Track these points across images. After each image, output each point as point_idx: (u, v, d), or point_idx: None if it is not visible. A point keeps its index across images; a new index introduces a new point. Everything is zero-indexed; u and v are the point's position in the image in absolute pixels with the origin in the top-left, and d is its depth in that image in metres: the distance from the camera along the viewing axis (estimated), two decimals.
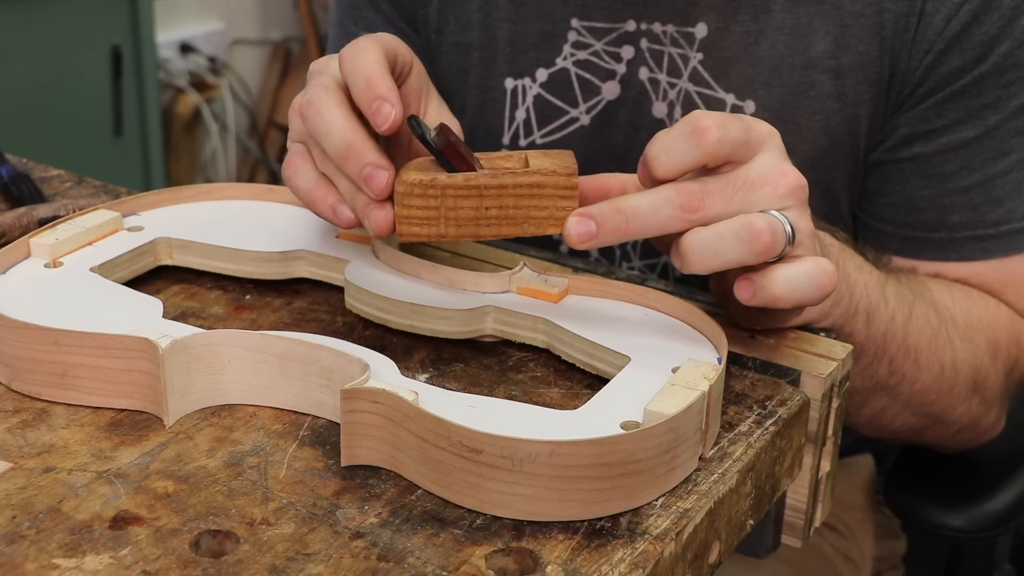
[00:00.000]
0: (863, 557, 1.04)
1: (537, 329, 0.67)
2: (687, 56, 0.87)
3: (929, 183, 0.85)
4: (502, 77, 0.93)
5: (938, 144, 0.84)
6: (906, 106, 0.84)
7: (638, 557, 0.51)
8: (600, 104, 0.91)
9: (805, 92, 0.85)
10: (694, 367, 0.60)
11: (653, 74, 0.89)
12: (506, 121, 0.94)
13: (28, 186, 0.86)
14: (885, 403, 0.81)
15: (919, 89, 0.83)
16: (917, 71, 0.83)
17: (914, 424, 0.84)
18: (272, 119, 2.81)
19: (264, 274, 0.73)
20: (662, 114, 0.90)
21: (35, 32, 2.04)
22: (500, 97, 0.94)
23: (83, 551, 0.51)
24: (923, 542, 1.10)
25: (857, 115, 0.85)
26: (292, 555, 0.51)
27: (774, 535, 0.68)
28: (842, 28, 0.84)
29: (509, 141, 0.95)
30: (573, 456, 0.52)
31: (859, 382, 0.77)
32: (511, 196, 0.62)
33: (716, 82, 0.87)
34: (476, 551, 0.52)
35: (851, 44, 0.84)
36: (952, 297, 0.83)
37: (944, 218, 0.86)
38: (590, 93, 0.91)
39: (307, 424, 0.60)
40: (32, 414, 0.61)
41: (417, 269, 0.70)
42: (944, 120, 0.83)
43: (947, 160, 0.84)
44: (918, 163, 0.85)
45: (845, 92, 0.85)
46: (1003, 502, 0.90)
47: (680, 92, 0.88)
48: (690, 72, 0.88)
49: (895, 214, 0.87)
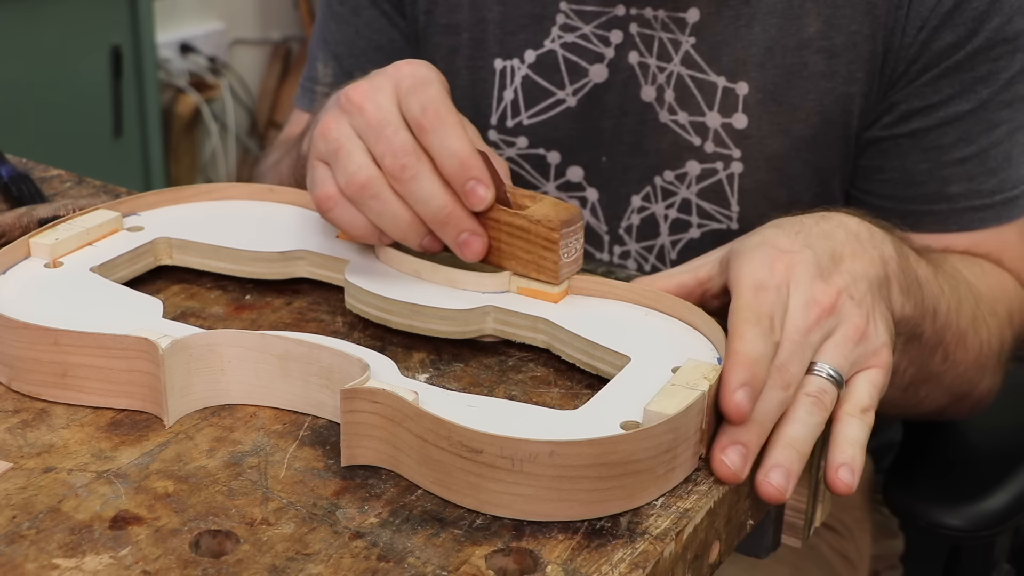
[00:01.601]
0: (860, 556, 1.04)
1: (537, 329, 0.67)
2: (678, 40, 0.89)
3: (928, 156, 0.87)
4: (491, 58, 0.95)
5: (935, 118, 0.86)
6: (901, 83, 0.86)
7: (638, 557, 0.52)
8: (587, 86, 0.92)
9: (798, 73, 0.87)
10: (694, 367, 0.60)
11: (643, 58, 0.90)
12: (494, 101, 0.96)
13: (28, 186, 0.86)
14: (929, 389, 0.82)
15: (913, 65, 0.85)
16: (912, 47, 0.84)
17: (944, 403, 0.85)
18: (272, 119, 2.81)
19: (264, 274, 0.73)
20: (650, 97, 0.91)
21: (35, 32, 2.04)
22: (489, 78, 0.95)
23: (83, 551, 0.51)
24: (921, 541, 1.10)
25: (850, 94, 0.87)
26: (292, 555, 0.51)
27: (774, 535, 0.68)
28: (834, 9, 0.85)
29: (497, 121, 0.96)
30: (573, 456, 0.52)
31: (915, 374, 0.78)
32: (504, 232, 0.67)
33: (708, 65, 0.89)
34: (476, 551, 0.52)
35: (843, 24, 0.85)
36: (972, 272, 0.85)
37: (943, 190, 0.88)
38: (577, 75, 0.93)
39: (307, 424, 0.60)
40: (32, 414, 0.61)
41: (417, 269, 0.70)
42: (940, 95, 0.85)
43: (944, 133, 0.86)
44: (916, 137, 0.87)
45: (838, 71, 0.86)
46: (1001, 501, 0.90)
47: (670, 75, 0.90)
48: (682, 56, 0.89)
49: (894, 189, 0.89)
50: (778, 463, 0.59)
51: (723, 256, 0.68)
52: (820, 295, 0.63)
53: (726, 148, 0.90)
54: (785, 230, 0.67)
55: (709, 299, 0.69)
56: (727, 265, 0.66)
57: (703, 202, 0.92)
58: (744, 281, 0.63)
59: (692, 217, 0.93)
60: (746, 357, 0.59)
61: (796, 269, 0.64)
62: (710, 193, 0.92)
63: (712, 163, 0.91)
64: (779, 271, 0.64)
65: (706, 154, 0.91)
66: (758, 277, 0.63)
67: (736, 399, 0.57)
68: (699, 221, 0.93)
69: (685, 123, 0.90)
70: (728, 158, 0.90)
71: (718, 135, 0.90)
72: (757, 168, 0.90)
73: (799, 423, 0.60)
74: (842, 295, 0.64)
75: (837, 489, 0.61)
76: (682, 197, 0.93)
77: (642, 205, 0.95)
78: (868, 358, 0.64)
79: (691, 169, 0.92)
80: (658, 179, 0.93)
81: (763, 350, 0.60)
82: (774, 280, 0.63)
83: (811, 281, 0.64)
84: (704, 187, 0.92)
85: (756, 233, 0.68)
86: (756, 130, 0.89)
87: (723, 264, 0.67)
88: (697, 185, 0.92)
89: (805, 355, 0.62)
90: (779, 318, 0.62)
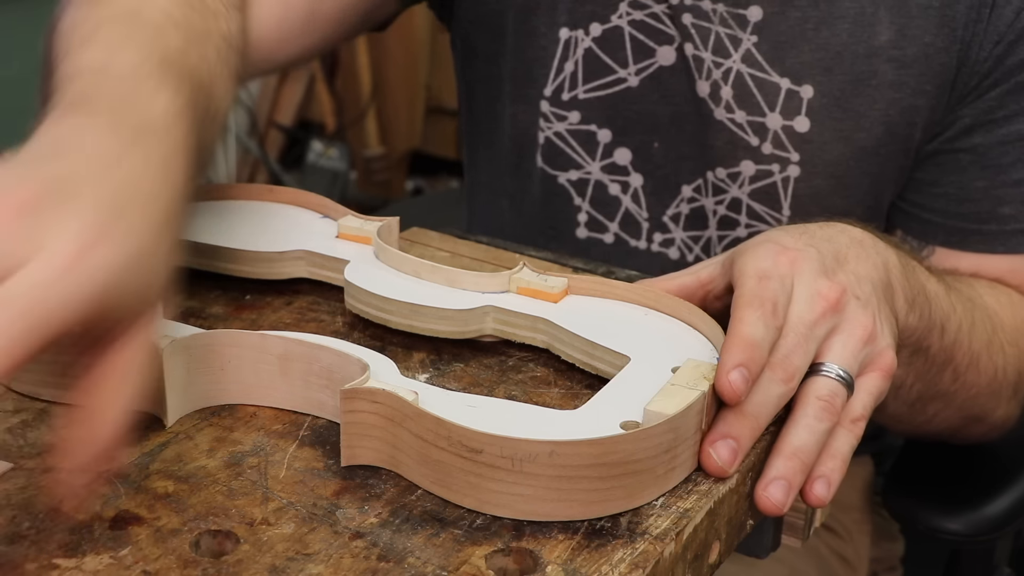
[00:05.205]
0: (859, 558, 1.04)
1: (537, 329, 0.67)
2: (738, 37, 0.87)
3: (986, 174, 0.86)
4: (558, 27, 0.92)
5: (998, 135, 0.85)
6: (971, 96, 0.85)
7: (638, 557, 0.52)
8: (652, 67, 0.91)
9: (866, 80, 0.86)
10: (694, 367, 0.60)
11: (698, 51, 0.88)
12: (552, 72, 0.93)
13: None
14: (938, 408, 0.81)
15: (985, 80, 0.84)
16: (987, 62, 0.83)
17: (956, 424, 0.85)
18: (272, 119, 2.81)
19: (264, 274, 0.73)
20: (704, 93, 0.89)
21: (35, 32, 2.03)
22: (551, 46, 0.93)
23: (83, 551, 0.51)
24: (921, 545, 1.10)
25: (916, 106, 0.86)
26: (292, 555, 0.51)
27: (774, 535, 0.68)
28: (908, 19, 0.84)
29: (552, 92, 0.94)
30: (573, 456, 0.52)
31: (922, 389, 0.77)
32: None
33: (770, 66, 0.87)
34: (476, 551, 0.52)
35: (917, 35, 0.84)
36: (998, 300, 0.84)
37: (996, 209, 0.86)
38: (642, 55, 0.91)
39: (307, 424, 0.60)
40: (32, 414, 0.61)
41: (417, 269, 0.70)
42: (1005, 111, 0.85)
43: (1005, 152, 0.85)
44: (977, 153, 0.86)
45: (907, 82, 0.85)
46: (1001, 506, 0.90)
47: (729, 72, 0.88)
48: (742, 54, 0.87)
49: (947, 204, 0.88)
50: (780, 475, 0.58)
51: (726, 257, 0.68)
52: (825, 290, 0.63)
53: (784, 151, 0.88)
54: (790, 232, 0.67)
55: (711, 300, 0.69)
56: (730, 265, 0.66)
57: (754, 203, 0.91)
58: (748, 271, 0.63)
59: (741, 216, 0.92)
60: (743, 339, 0.58)
61: (800, 264, 0.63)
62: (762, 195, 0.90)
63: (768, 164, 0.89)
64: (783, 264, 0.63)
65: (763, 155, 0.89)
66: (762, 267, 0.63)
67: (731, 378, 0.57)
68: (747, 221, 0.92)
69: (743, 122, 0.89)
70: (786, 161, 0.89)
71: (777, 137, 0.88)
72: (814, 173, 0.89)
73: (806, 430, 0.60)
74: (847, 293, 0.63)
75: (808, 501, 0.60)
76: (732, 196, 0.91)
77: (692, 196, 0.93)
78: (874, 359, 0.64)
79: (745, 169, 0.90)
80: (710, 174, 0.92)
81: (763, 334, 0.59)
82: (778, 271, 0.63)
83: (815, 276, 0.63)
84: (757, 188, 0.90)
85: (760, 235, 0.68)
86: (818, 135, 0.87)
87: (726, 265, 0.67)
88: (750, 186, 0.90)
89: (809, 348, 0.61)
90: (782, 306, 0.61)
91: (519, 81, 0.95)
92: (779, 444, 0.59)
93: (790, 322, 0.61)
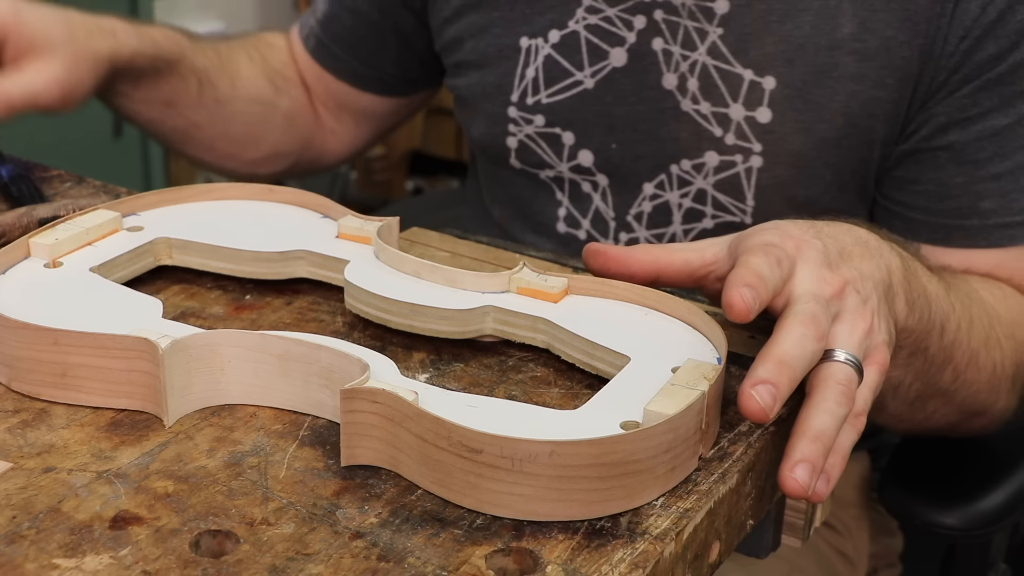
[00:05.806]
0: (859, 554, 1.04)
1: (537, 329, 0.67)
2: (704, 30, 0.88)
3: (964, 170, 0.86)
4: (518, 36, 0.95)
5: (973, 132, 0.85)
6: (941, 93, 0.85)
7: (638, 557, 0.52)
8: (605, 69, 0.93)
9: (828, 72, 0.87)
10: (694, 367, 0.60)
11: (667, 45, 0.90)
12: (516, 79, 0.96)
13: (28, 186, 0.86)
14: (938, 405, 0.81)
15: (954, 76, 0.84)
16: (953, 56, 0.84)
17: (956, 420, 0.85)
18: None
19: (264, 274, 0.73)
20: (672, 85, 0.91)
21: None
22: (514, 55, 0.96)
23: (83, 551, 0.51)
24: (919, 540, 1.10)
25: (877, 98, 0.86)
26: (292, 555, 0.51)
27: (774, 535, 0.68)
28: (871, 12, 0.85)
29: (518, 98, 0.96)
30: (573, 456, 0.52)
31: (921, 388, 0.77)
32: None
33: (735, 57, 0.88)
34: (476, 551, 0.52)
35: (878, 28, 0.85)
36: (992, 294, 0.84)
37: (976, 204, 0.87)
38: (597, 58, 0.93)
39: (307, 424, 0.60)
40: (32, 414, 0.61)
41: (417, 269, 0.70)
42: (979, 108, 0.85)
43: (981, 147, 0.86)
44: (953, 151, 0.86)
45: (868, 75, 0.86)
46: (996, 501, 0.90)
47: (695, 65, 0.89)
48: (708, 46, 0.88)
49: (928, 202, 0.88)
50: (805, 457, 0.58)
51: (732, 240, 0.68)
52: (828, 277, 0.63)
53: (747, 141, 0.90)
54: (797, 224, 0.67)
55: (712, 281, 0.68)
56: (736, 248, 0.66)
57: (719, 194, 0.92)
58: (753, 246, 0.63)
59: (707, 208, 0.93)
60: (750, 270, 0.59)
61: (805, 250, 0.64)
62: (727, 185, 0.92)
63: (731, 155, 0.91)
64: (789, 245, 0.64)
65: (726, 146, 0.90)
66: (768, 239, 0.63)
67: (741, 292, 0.58)
68: (713, 212, 0.93)
69: (707, 113, 0.90)
70: (748, 151, 0.90)
71: (740, 128, 0.90)
72: (777, 164, 0.90)
73: (827, 414, 0.59)
74: (848, 286, 0.64)
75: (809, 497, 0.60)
76: (698, 187, 0.93)
77: (655, 193, 0.95)
78: (871, 353, 0.64)
79: (710, 160, 0.91)
80: (675, 167, 0.93)
81: (768, 272, 0.60)
82: (784, 247, 0.63)
83: (818, 265, 0.63)
84: (721, 179, 0.92)
85: (767, 223, 0.68)
86: (779, 126, 0.89)
87: (732, 248, 0.67)
88: (714, 176, 0.92)
89: (828, 317, 0.61)
90: (786, 265, 0.62)
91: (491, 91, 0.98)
92: (801, 426, 0.59)
93: (802, 293, 0.61)
